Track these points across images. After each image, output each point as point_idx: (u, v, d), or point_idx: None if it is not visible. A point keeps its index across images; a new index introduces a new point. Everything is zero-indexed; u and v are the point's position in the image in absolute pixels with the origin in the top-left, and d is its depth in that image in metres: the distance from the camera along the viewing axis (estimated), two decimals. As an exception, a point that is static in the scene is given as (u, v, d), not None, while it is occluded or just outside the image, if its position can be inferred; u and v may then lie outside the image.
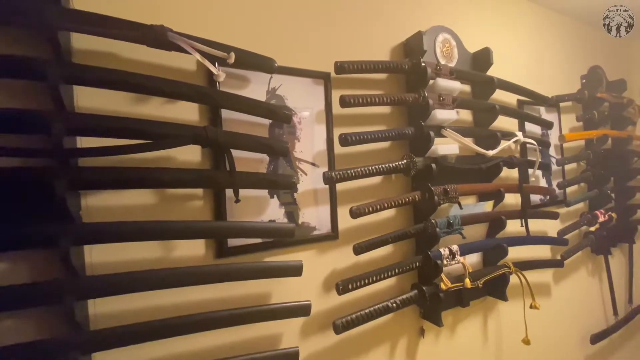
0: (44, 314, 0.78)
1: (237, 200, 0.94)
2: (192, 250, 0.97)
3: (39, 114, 0.75)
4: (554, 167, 1.92)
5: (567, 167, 1.99)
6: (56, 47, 0.79)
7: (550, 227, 1.86)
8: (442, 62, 1.42)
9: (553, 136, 1.94)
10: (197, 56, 0.89)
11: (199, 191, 0.98)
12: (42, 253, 0.78)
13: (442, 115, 1.31)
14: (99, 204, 0.86)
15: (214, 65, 0.93)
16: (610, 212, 2.03)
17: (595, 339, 1.97)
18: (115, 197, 0.87)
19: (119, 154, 0.82)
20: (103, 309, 0.85)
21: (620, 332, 2.12)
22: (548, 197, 1.86)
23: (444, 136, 1.35)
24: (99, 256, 0.85)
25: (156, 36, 0.84)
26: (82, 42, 0.85)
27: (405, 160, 1.26)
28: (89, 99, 0.85)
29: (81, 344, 0.78)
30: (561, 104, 2.00)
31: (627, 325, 2.14)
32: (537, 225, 1.75)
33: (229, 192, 0.97)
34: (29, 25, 0.77)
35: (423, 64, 1.27)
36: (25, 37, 0.78)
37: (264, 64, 1.01)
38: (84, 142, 0.83)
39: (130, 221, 0.85)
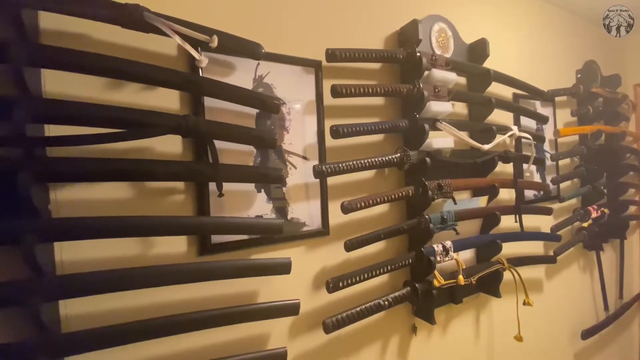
0: (10, 317, 0.72)
1: (221, 195, 0.89)
2: (173, 247, 0.91)
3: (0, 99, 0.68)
4: (548, 162, 1.90)
5: (561, 162, 1.98)
6: (20, 26, 0.72)
7: (543, 222, 1.85)
8: (438, 52, 1.37)
9: (547, 131, 1.92)
10: (177, 39, 0.82)
11: (180, 184, 0.92)
12: (7, 251, 0.71)
13: (437, 107, 1.27)
14: (71, 197, 0.79)
15: (196, 50, 0.87)
16: (602, 208, 2.02)
17: (586, 334, 1.97)
18: (88, 190, 0.81)
19: (91, 143, 0.76)
20: (76, 311, 0.79)
21: (611, 328, 2.13)
22: (542, 192, 1.84)
23: (438, 129, 1.31)
24: (71, 254, 0.79)
25: (131, 16, 0.78)
26: (50, 21, 0.78)
27: (398, 154, 1.21)
28: (58, 84, 0.78)
29: (51, 348, 0.73)
30: (556, 99, 1.98)
31: (617, 321, 2.15)
32: (531, 221, 1.73)
33: (213, 186, 0.92)
34: (-11, 2, 0.71)
35: (418, 54, 1.22)
36: (-15, 15, 0.71)
37: (250, 50, 0.95)
38: (52, 130, 0.76)
39: (105, 216, 0.79)
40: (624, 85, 2.26)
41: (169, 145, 0.90)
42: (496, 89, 1.60)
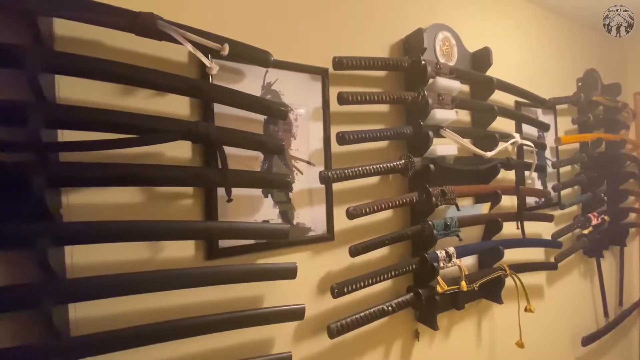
0: (21, 319, 0.73)
1: (230, 200, 0.90)
2: (181, 251, 0.92)
3: (15, 104, 0.69)
4: (549, 170, 1.91)
5: (561, 169, 1.99)
6: (36, 33, 0.74)
7: (544, 229, 1.86)
8: (442, 60, 1.39)
9: (549, 138, 1.94)
10: (189, 47, 0.84)
11: (189, 189, 0.93)
12: (19, 254, 0.73)
13: (441, 115, 1.29)
14: (82, 202, 0.81)
15: (207, 57, 0.88)
16: (603, 215, 2.04)
17: (587, 340, 1.98)
18: (99, 195, 0.82)
19: (103, 149, 0.77)
20: (85, 314, 0.80)
21: (611, 334, 2.14)
22: (543, 199, 1.85)
23: (442, 136, 1.33)
24: (81, 258, 0.80)
25: (145, 24, 0.79)
26: (65, 28, 0.80)
27: (403, 160, 1.23)
28: (71, 90, 0.79)
29: (60, 351, 0.73)
30: (557, 107, 2.00)
31: (617, 327, 2.16)
32: (532, 228, 1.74)
33: (221, 191, 0.93)
34: (7, 9, 0.72)
35: (423, 62, 1.24)
36: (2, 21, 0.73)
37: (259, 57, 0.97)
38: (65, 135, 0.78)
39: (115, 221, 0.80)
40: (624, 94, 2.29)
41: (179, 151, 0.91)
42: (498, 97, 1.61)
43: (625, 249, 2.29)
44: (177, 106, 0.92)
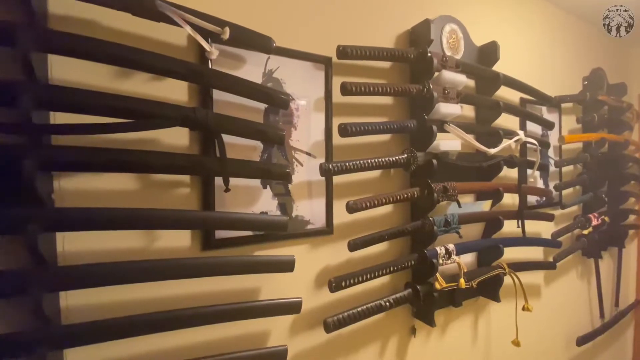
0: (10, 306, 0.71)
1: (227, 190, 0.87)
2: (176, 241, 0.90)
3: (6, 84, 0.66)
4: (552, 169, 1.90)
5: (564, 169, 1.98)
6: (29, 10, 0.70)
7: (543, 228, 1.85)
8: (448, 53, 1.36)
9: (552, 137, 1.91)
10: (188, 29, 0.81)
11: (186, 178, 0.91)
12: (9, 240, 0.70)
13: (446, 109, 1.26)
14: (74, 187, 0.78)
15: (207, 41, 0.85)
16: (603, 216, 2.03)
17: (582, 340, 1.98)
18: (92, 180, 0.80)
19: (97, 133, 0.74)
20: (76, 302, 0.78)
21: (605, 335, 2.15)
22: (544, 198, 1.84)
23: (446, 131, 1.30)
24: (73, 245, 0.77)
25: (143, 4, 0.76)
26: (59, 6, 0.76)
27: (405, 155, 1.20)
28: (65, 71, 0.76)
29: (50, 339, 0.71)
30: (562, 105, 1.97)
31: (612, 328, 2.17)
32: (531, 227, 1.73)
33: (219, 181, 0.91)
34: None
35: (429, 54, 1.21)
36: (-7, -4, 0.70)
37: (261, 43, 0.94)
38: (57, 118, 0.75)
39: (108, 208, 0.77)
40: (629, 94, 2.26)
41: (176, 138, 0.89)
42: (503, 93, 1.58)
43: (624, 250, 2.29)
44: (175, 91, 0.89)
